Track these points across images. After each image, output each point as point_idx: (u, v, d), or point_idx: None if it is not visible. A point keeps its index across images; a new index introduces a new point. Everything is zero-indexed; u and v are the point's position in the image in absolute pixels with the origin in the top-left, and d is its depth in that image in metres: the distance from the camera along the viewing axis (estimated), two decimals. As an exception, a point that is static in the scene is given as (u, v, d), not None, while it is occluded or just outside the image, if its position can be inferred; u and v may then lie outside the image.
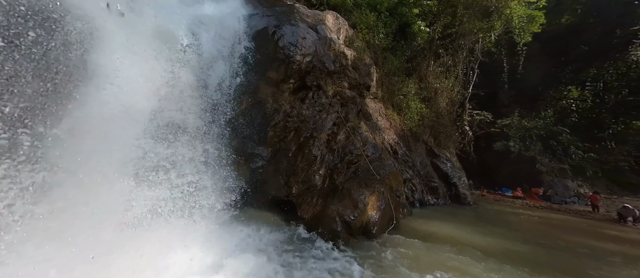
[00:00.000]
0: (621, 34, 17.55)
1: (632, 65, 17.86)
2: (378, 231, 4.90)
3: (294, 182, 5.57)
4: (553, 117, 17.24)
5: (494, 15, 13.90)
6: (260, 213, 5.60)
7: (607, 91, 18.83)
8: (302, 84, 8.15)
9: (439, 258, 4.16)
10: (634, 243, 6.67)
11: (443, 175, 11.46)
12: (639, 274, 4.53)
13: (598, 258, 5.22)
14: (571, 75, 19.20)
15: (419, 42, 15.15)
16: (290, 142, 6.78)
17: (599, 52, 18.20)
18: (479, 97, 18.46)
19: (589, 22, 18.56)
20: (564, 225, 8.43)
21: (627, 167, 16.38)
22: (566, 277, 4.06)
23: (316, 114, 7.72)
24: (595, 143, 17.03)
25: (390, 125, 11.17)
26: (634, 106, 17.45)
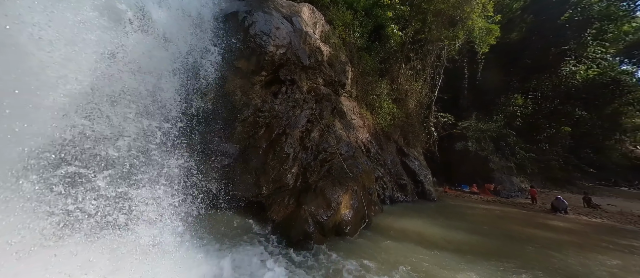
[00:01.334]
0: (555, 51, 20.71)
1: (563, 78, 21.22)
2: (351, 230, 4.87)
3: (264, 182, 5.24)
4: (503, 121, 19.60)
5: (459, 25, 15.14)
6: (226, 216, 5.15)
7: (544, 100, 22.10)
8: (275, 77, 7.76)
9: (407, 254, 4.29)
10: (562, 231, 7.89)
11: (411, 173, 12.12)
12: (566, 257, 5.29)
13: (536, 244, 6.05)
14: (518, 84, 22.05)
15: (392, 44, 15.78)
16: (260, 139, 6.39)
17: (538, 66, 21.22)
18: (443, 101, 20.05)
19: (532, 39, 21.50)
20: (509, 216, 9.59)
21: (556, 165, 19.47)
22: (511, 261, 4.56)
23: (289, 109, 7.42)
24: (533, 145, 19.87)
25: (364, 124, 11.39)
26: (563, 114, 20.81)
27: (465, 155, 17.47)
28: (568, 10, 19.64)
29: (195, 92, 5.51)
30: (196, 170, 5.27)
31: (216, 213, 5.28)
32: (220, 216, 5.23)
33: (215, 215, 5.28)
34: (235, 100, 6.54)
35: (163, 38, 4.67)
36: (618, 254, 5.82)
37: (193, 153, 5.46)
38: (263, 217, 4.98)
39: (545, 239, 6.61)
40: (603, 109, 21.08)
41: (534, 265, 4.53)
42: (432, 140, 18.46)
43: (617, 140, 23.77)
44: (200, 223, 4.61)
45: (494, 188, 15.43)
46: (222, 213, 5.33)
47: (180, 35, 5.06)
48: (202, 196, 5.12)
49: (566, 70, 20.88)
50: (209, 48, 6.11)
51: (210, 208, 5.41)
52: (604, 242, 6.81)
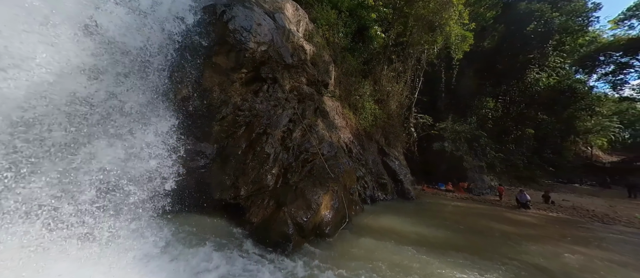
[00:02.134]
0: (522, 59, 22.62)
1: (528, 85, 23.23)
2: (331, 230, 4.93)
3: (243, 183, 5.11)
4: (476, 123, 21.03)
5: (438, 31, 15.91)
6: (201, 220, 4.95)
7: (512, 104, 24.03)
8: (256, 75, 7.60)
9: (384, 253, 4.44)
10: (525, 224, 8.69)
11: (392, 172, 12.54)
12: (527, 248, 5.87)
13: (501, 237, 6.64)
14: (490, 89, 23.76)
15: (375, 46, 16.18)
16: (240, 139, 6.22)
17: (508, 72, 23.04)
18: (422, 103, 21.01)
19: (503, 47, 23.30)
20: (479, 212, 10.33)
21: (521, 164, 21.29)
22: (478, 253, 5.01)
23: (271, 108, 7.31)
24: (502, 145, 21.56)
25: (347, 124, 11.56)
26: (528, 117, 22.78)
27: (442, 155, 18.47)
28: (533, 22, 21.52)
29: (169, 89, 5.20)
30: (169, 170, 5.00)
31: (190, 216, 5.05)
32: (195, 219, 5.01)
33: (189, 218, 5.04)
34: (213, 98, 6.30)
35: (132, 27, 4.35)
36: (570, 244, 6.55)
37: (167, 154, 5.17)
38: (241, 220, 4.85)
39: (509, 233, 7.24)
40: (561, 114, 23.46)
41: (499, 257, 4.99)
42: (412, 141, 19.26)
43: (572, 141, 26.64)
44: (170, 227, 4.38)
45: (467, 186, 16.50)
46: (196, 216, 5.11)
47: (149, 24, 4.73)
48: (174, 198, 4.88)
49: (531, 77, 22.90)
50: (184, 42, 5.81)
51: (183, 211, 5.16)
52: (558, 234, 7.63)
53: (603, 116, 27.32)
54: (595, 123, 26.69)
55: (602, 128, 27.85)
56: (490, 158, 19.72)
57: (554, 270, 4.64)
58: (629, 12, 25.59)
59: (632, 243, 7.29)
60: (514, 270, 4.40)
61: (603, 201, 15.16)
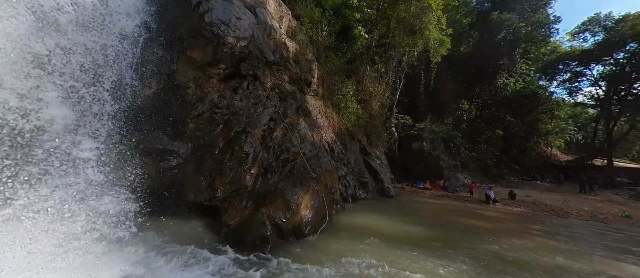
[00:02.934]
0: (493, 65, 24.37)
1: (498, 89, 25.06)
2: (310, 230, 4.94)
3: (220, 184, 4.93)
4: (452, 123, 22.27)
5: (418, 34, 16.55)
6: (175, 225, 4.70)
7: (484, 107, 25.80)
8: (235, 71, 7.37)
9: (361, 251, 4.56)
10: (492, 219, 9.46)
11: (373, 171, 12.87)
12: (493, 240, 6.44)
13: (471, 231, 7.18)
14: (465, 91, 25.29)
15: (359, 46, 16.44)
16: (217, 137, 5.99)
17: (481, 77, 24.70)
18: (403, 103, 21.79)
19: (477, 52, 24.90)
20: (453, 209, 11.00)
21: (491, 163, 22.97)
22: (450, 246, 5.41)
23: (251, 106, 7.13)
24: (475, 145, 23.07)
25: (329, 124, 11.63)
26: (498, 119, 24.61)
27: (421, 154, 19.32)
28: (503, 31, 23.23)
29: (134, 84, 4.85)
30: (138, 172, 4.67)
31: (162, 221, 4.77)
32: (168, 224, 4.75)
33: (161, 223, 4.76)
34: (187, 93, 6.00)
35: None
36: (530, 236, 7.25)
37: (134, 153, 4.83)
38: (217, 223, 4.68)
39: (477, 227, 7.86)
40: (526, 116, 25.66)
41: (466, 248, 5.43)
42: (393, 140, 19.89)
43: (535, 142, 29.27)
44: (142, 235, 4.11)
45: (443, 184, 17.44)
46: (169, 220, 4.84)
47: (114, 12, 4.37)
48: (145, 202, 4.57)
49: (500, 82, 24.75)
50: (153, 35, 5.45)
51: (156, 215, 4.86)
52: (519, 227, 8.39)
53: (561, 119, 30.43)
54: (555, 125, 29.65)
55: (560, 130, 31.02)
56: (464, 157, 21.02)
57: (509, 257, 5.19)
58: (583, 26, 28.72)
59: (580, 233, 8.23)
60: (476, 258, 4.83)
61: (559, 196, 16.90)
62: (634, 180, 23.12)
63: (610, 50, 26.47)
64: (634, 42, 25.13)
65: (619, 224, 10.29)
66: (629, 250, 6.49)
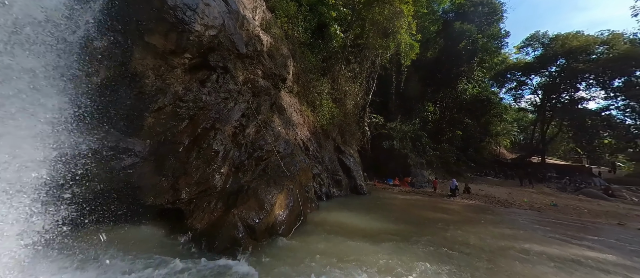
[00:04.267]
0: (455, 71, 26.85)
1: (459, 93, 27.66)
2: (285, 230, 4.86)
3: (185, 184, 4.55)
4: (419, 124, 24.00)
5: (390, 37, 17.34)
6: (130, 232, 4.20)
7: (447, 109, 28.26)
8: (203, 62, 6.85)
9: (335, 247, 4.66)
10: (451, 211, 10.48)
11: (346, 169, 13.19)
12: (453, 230, 7.16)
13: (434, 222, 7.87)
14: (431, 94, 27.40)
15: (334, 45, 16.62)
16: (181, 134, 5.51)
17: (444, 81, 27.00)
18: (375, 103, 22.75)
19: (441, 59, 27.16)
20: (419, 203, 11.89)
21: (452, 160, 25.33)
22: (415, 238, 5.86)
23: (221, 101, 6.71)
24: (438, 144, 25.19)
25: (304, 122, 11.57)
26: (458, 121, 27.17)
27: (391, 152, 20.42)
28: (464, 40, 25.67)
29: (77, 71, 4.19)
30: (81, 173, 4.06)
31: (114, 228, 4.23)
32: (120, 231, 4.22)
33: (113, 230, 4.22)
34: (145, 84, 5.38)
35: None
36: (482, 224, 8.24)
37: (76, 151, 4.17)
38: (181, 226, 4.32)
39: (439, 219, 8.71)
40: (480, 119, 28.89)
41: (429, 237, 6.01)
42: (366, 139, 20.65)
43: (487, 142, 33.17)
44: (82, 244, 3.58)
45: (410, 181, 18.71)
46: (122, 227, 4.31)
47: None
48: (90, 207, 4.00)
49: (461, 87, 27.39)
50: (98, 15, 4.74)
51: (106, 222, 4.28)
52: (476, 217, 9.50)
53: (508, 122, 35.05)
54: (503, 128, 34.02)
55: (506, 132, 35.68)
56: (429, 155, 22.84)
57: (465, 242, 5.93)
58: (526, 41, 33.33)
59: (520, 220, 9.60)
60: (437, 246, 5.43)
61: (505, 189, 19.43)
62: (560, 175, 27.70)
63: (546, 64, 31.13)
64: (563, 58, 29.92)
65: (548, 212, 12.24)
66: (555, 232, 7.79)
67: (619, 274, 4.79)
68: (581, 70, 28.76)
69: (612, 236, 8.26)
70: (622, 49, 26.81)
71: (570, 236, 7.45)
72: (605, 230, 9.13)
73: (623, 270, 5.06)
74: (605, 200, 18.41)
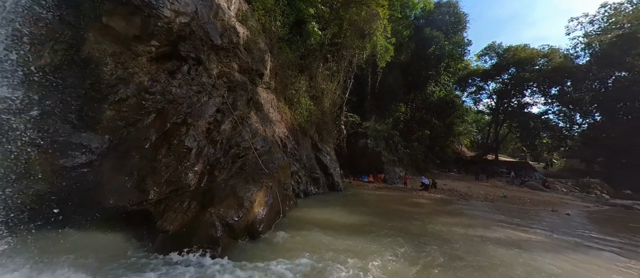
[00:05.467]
0: (424, 74, 28.81)
1: (427, 95, 29.74)
2: (264, 228, 4.79)
3: (153, 184, 4.20)
4: (391, 123, 25.26)
5: (367, 38, 17.91)
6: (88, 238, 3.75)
7: (417, 110, 30.21)
8: (172, 52, 6.37)
9: (313, 242, 4.76)
10: (421, 205, 11.33)
11: (324, 167, 13.36)
12: (421, 220, 7.81)
13: (405, 215, 8.49)
14: (402, 96, 28.98)
15: (312, 42, 16.60)
16: (147, 129, 5.06)
17: (415, 83, 28.81)
18: (351, 102, 23.35)
19: (413, 62, 28.93)
20: (393, 198, 12.60)
21: (420, 158, 27.22)
22: (389, 230, 6.25)
23: (193, 95, 6.32)
24: (409, 143, 26.84)
25: (282, 119, 11.41)
26: (426, 121, 29.23)
27: (365, 150, 21.21)
28: (433, 46, 27.64)
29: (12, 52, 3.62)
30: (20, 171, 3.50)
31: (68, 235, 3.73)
32: (78, 238, 3.74)
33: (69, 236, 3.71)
34: (103, 72, 4.82)
35: None
36: (446, 215, 9.16)
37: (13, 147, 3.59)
38: (150, 230, 3.98)
39: (411, 211, 9.45)
40: (445, 120, 31.51)
41: (401, 228, 6.50)
42: (342, 137, 21.11)
43: (451, 141, 36.39)
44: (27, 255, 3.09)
45: (383, 177, 19.67)
46: (80, 233, 3.83)
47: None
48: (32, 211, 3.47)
49: (429, 89, 29.49)
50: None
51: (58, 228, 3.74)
52: (441, 209, 10.45)
53: (468, 123, 38.81)
54: (464, 128, 37.61)
55: (467, 132, 39.52)
56: (401, 153, 24.24)
57: (433, 231, 6.61)
58: (485, 50, 37.24)
59: (477, 211, 10.78)
60: (409, 235, 5.93)
61: (465, 184, 21.56)
62: (508, 170, 31.59)
63: (500, 71, 35.11)
64: (513, 67, 34.04)
65: (500, 203, 13.93)
66: (505, 220, 8.99)
67: (548, 250, 5.79)
68: (527, 79, 33.04)
69: (547, 220, 9.77)
70: (558, 62, 31.45)
71: (516, 224, 8.62)
72: (542, 216, 10.74)
73: (551, 246, 6.24)
74: (543, 191, 21.55)
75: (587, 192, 23.14)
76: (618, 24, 28.48)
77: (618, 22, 28.48)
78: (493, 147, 38.99)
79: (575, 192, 23.33)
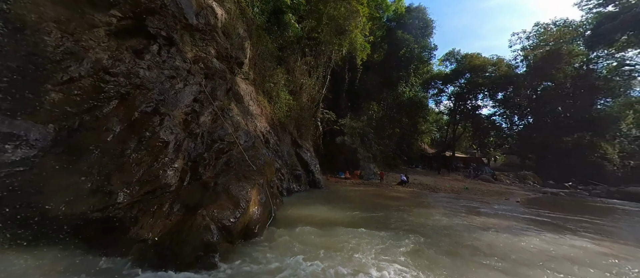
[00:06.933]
0: (396, 74, 30.38)
1: (398, 95, 31.47)
2: (260, 229, 4.35)
3: (122, 184, 3.42)
4: (366, 121, 26.09)
5: (345, 35, 17.99)
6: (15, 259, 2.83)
7: (388, 108, 31.75)
8: (137, 27, 5.39)
9: (310, 239, 4.57)
10: (397, 198, 11.88)
11: (304, 163, 13.05)
12: (399, 211, 8.24)
13: (385, 208, 8.86)
14: (376, 95, 30.13)
15: (290, 34, 16.01)
16: (108, 118, 4.14)
17: (387, 83, 30.17)
18: (328, 99, 23.37)
19: (386, 62, 30.27)
20: (373, 193, 12.99)
21: (391, 155, 28.75)
22: (373, 222, 6.51)
23: (165, 80, 5.43)
24: (382, 140, 28.09)
25: (262, 112, 10.74)
26: (397, 120, 30.92)
27: (342, 147, 21.49)
28: (404, 48, 29.27)
29: None
30: None
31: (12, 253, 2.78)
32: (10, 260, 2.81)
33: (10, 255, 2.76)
34: (44, 43, 3.77)
35: None
36: (420, 207, 9.82)
37: None
38: (119, 240, 3.23)
39: (391, 204, 9.92)
40: (413, 119, 33.82)
41: (390, 221, 6.83)
42: (318, 134, 21.00)
43: (416, 139, 39.31)
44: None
45: (359, 174, 20.19)
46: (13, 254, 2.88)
47: None
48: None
49: (400, 89, 31.22)
50: None
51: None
52: (415, 201, 11.13)
53: (430, 123, 42.36)
54: (427, 127, 40.98)
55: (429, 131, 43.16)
56: (374, 150, 25.22)
57: (414, 221, 7.04)
58: (446, 56, 41.03)
59: (446, 202, 11.77)
60: (396, 225, 6.33)
61: (431, 178, 23.49)
62: (465, 165, 35.50)
63: (458, 76, 39.08)
64: (469, 73, 38.18)
65: (464, 194, 15.48)
66: (473, 208, 10.02)
67: (505, 232, 6.62)
68: (479, 84, 37.43)
69: (505, 207, 11.17)
70: (503, 71, 36.30)
71: (483, 212, 9.63)
72: (500, 204, 12.24)
73: (506, 227, 7.26)
74: (493, 183, 24.72)
75: (524, 183, 27.32)
76: (546, 42, 34.09)
77: (546, 39, 34.08)
78: (450, 145, 43.31)
79: (515, 183, 27.32)
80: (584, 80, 31.57)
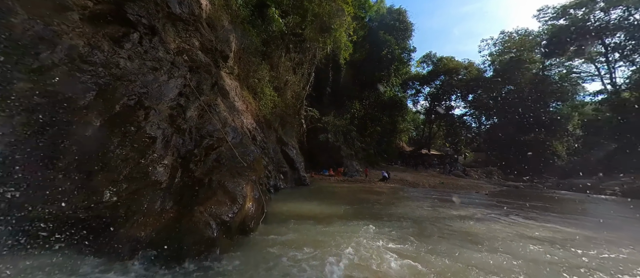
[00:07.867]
0: (377, 74, 31.35)
1: (379, 94, 32.51)
2: (255, 224, 4.36)
3: (107, 182, 3.22)
4: (349, 119, 26.62)
5: (329, 33, 18.15)
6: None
7: (370, 107, 32.66)
8: (115, 12, 5.02)
9: (305, 233, 4.66)
10: (380, 193, 12.43)
11: (290, 161, 13.04)
12: (384, 205, 8.66)
13: (370, 202, 9.23)
14: (359, 93, 30.83)
15: (274, 28, 15.75)
16: (86, 111, 3.83)
17: (369, 83, 30.99)
18: (311, 97, 23.42)
19: (367, 62, 31.05)
20: (358, 189, 13.42)
21: (372, 152, 29.71)
22: (359, 215, 6.79)
23: (148, 72, 5.13)
24: (364, 138, 28.90)
25: (247, 109, 10.51)
26: (378, 118, 31.95)
27: (325, 144, 21.75)
28: (385, 49, 30.26)
29: None
30: None
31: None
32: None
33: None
34: (11, 25, 3.38)
35: None
36: (402, 200, 10.41)
37: None
38: (111, 239, 3.03)
39: (376, 199, 10.37)
40: (392, 117, 35.22)
41: (377, 213, 7.15)
42: (302, 131, 21.00)
43: (395, 137, 41.07)
44: None
45: (343, 171, 20.61)
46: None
47: None
48: None
49: (381, 89, 32.26)
50: None
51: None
52: (398, 196, 11.74)
53: (408, 122, 44.48)
54: (404, 126, 42.98)
55: (407, 129, 45.31)
56: (357, 147, 25.89)
57: (399, 214, 7.46)
58: (423, 58, 43.24)
59: (427, 195, 12.58)
60: (384, 217, 6.69)
61: (409, 174, 24.76)
62: (439, 162, 37.90)
63: (433, 78, 41.42)
64: (443, 75, 40.66)
65: (441, 188, 16.61)
66: (450, 201, 10.86)
67: (477, 220, 7.33)
68: (453, 86, 40.06)
69: (475, 199, 12.24)
70: (474, 74, 39.22)
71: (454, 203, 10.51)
72: (472, 196, 13.38)
73: (482, 215, 8.02)
74: (464, 178, 26.78)
75: (489, 177, 30.00)
76: (510, 49, 37.53)
77: (510, 47, 37.51)
78: (426, 143, 45.89)
79: (483, 177, 29.90)
80: (540, 85, 35.37)
